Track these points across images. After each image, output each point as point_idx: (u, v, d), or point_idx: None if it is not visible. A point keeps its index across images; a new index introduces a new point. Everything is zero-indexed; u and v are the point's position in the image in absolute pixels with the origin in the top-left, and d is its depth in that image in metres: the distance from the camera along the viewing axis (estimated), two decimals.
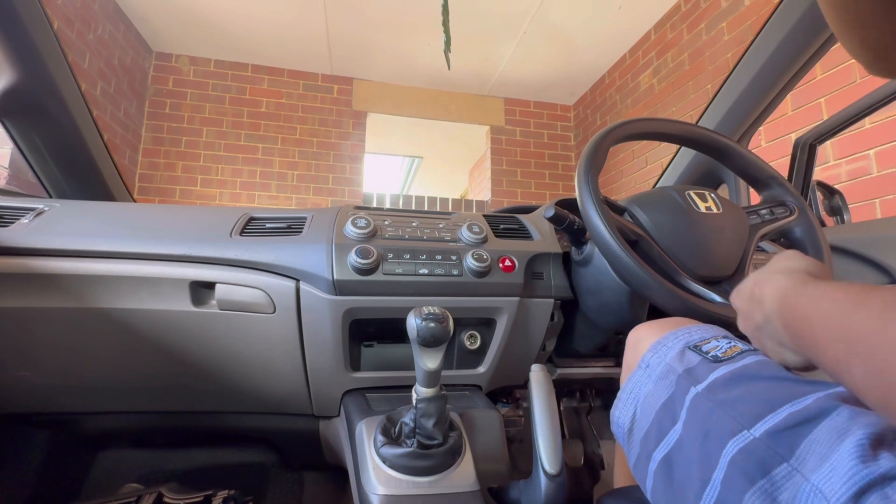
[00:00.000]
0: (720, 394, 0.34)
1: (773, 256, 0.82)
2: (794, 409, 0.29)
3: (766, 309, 0.33)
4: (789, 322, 0.30)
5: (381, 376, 0.65)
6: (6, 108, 0.79)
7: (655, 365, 0.42)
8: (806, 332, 0.28)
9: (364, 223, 0.63)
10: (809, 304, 0.28)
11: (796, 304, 0.30)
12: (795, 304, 0.30)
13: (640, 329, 0.48)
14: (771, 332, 0.34)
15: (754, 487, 0.28)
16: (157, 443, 0.89)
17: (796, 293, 0.30)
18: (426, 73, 3.45)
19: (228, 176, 3.23)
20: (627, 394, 0.43)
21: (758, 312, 0.34)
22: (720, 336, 0.41)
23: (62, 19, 2.29)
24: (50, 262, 0.58)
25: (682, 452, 0.34)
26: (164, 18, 2.91)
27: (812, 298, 0.28)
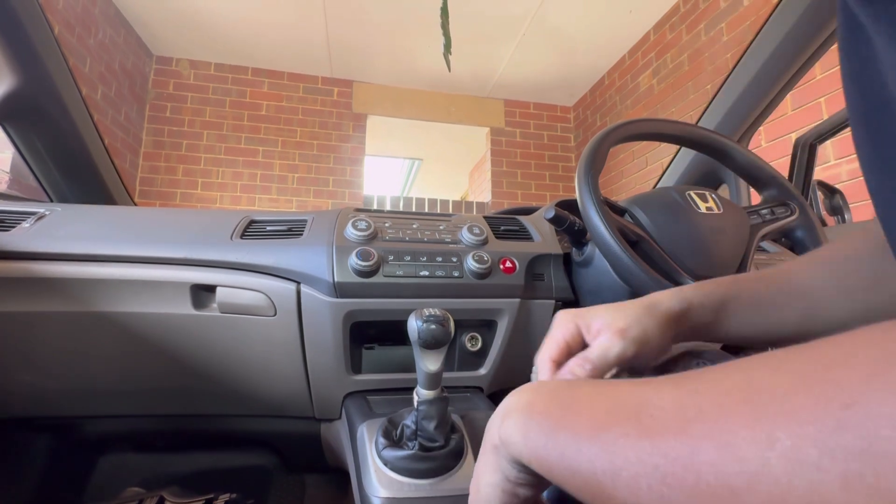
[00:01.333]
0: None
1: (774, 256, 0.82)
2: None
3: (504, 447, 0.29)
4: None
5: (382, 378, 0.65)
6: (7, 112, 0.80)
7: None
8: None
9: (364, 225, 0.63)
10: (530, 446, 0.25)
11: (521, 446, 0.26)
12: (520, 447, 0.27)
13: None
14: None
15: None
16: (158, 446, 0.89)
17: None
18: (426, 76, 3.46)
19: (229, 179, 3.24)
20: None
21: (496, 429, 0.29)
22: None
23: (63, 24, 2.30)
24: (51, 266, 0.58)
25: None
26: (164, 22, 2.92)
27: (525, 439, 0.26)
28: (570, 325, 0.38)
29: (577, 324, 0.38)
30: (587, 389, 0.26)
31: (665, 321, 0.37)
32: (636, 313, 0.37)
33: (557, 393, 0.27)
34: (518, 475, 0.28)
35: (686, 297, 0.38)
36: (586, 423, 0.23)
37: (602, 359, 0.35)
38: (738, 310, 0.39)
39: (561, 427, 0.24)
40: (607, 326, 0.36)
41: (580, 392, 0.26)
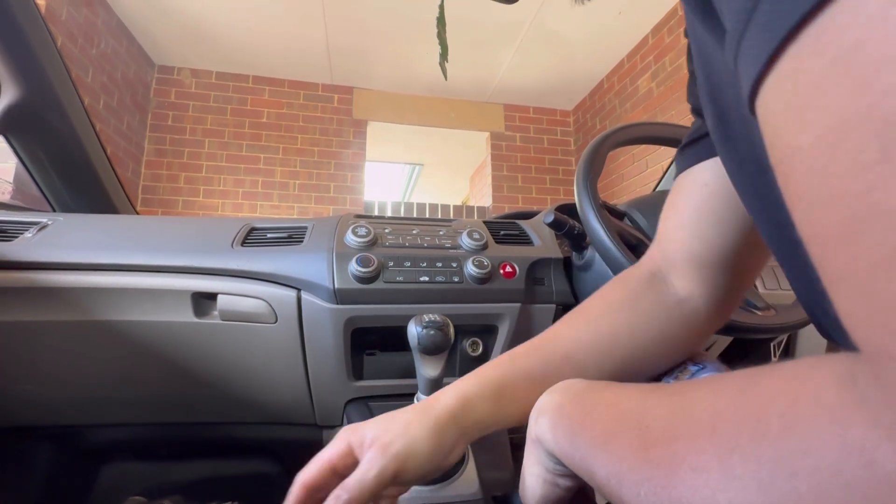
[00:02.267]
0: None
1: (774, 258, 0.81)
2: None
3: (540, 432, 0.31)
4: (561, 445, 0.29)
5: (383, 385, 0.65)
6: (10, 123, 0.80)
7: None
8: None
9: (364, 232, 0.63)
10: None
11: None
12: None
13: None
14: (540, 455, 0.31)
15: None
16: (160, 455, 0.88)
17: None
18: (426, 81, 3.48)
19: (230, 186, 3.25)
20: None
21: (532, 425, 0.32)
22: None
23: (66, 35, 2.32)
24: (53, 276, 0.58)
25: None
26: (166, 32, 2.94)
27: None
28: (343, 442, 0.34)
29: (349, 441, 0.34)
30: (606, 395, 0.27)
31: (440, 424, 0.34)
32: (404, 422, 0.34)
33: (582, 396, 0.29)
34: (556, 467, 0.30)
35: (462, 391, 0.36)
36: (600, 430, 0.25)
37: (359, 485, 0.31)
38: (515, 393, 0.37)
39: (582, 431, 0.26)
40: (375, 441, 0.33)
41: (601, 396, 0.28)
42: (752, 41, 0.14)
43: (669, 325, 0.38)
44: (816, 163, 0.13)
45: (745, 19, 0.14)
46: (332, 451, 0.34)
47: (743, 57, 0.15)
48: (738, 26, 0.15)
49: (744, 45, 0.15)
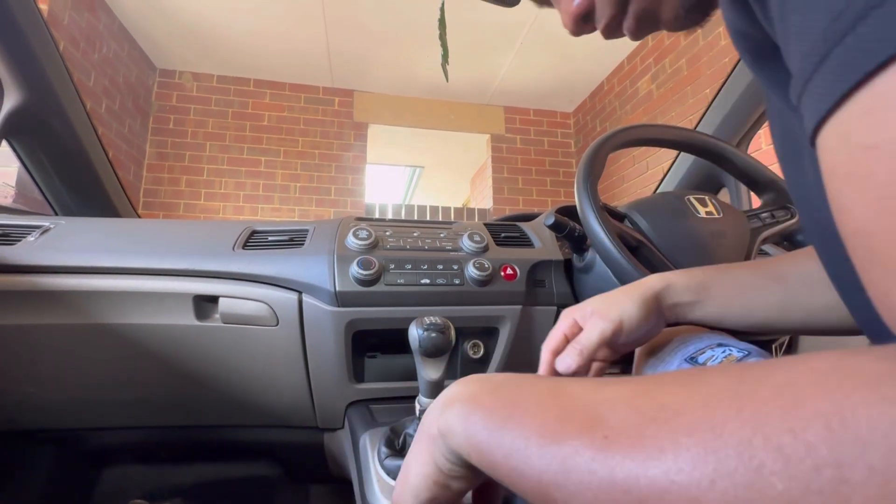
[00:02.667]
0: None
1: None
2: None
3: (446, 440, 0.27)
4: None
5: (384, 387, 0.65)
6: (13, 127, 0.81)
7: None
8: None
9: (365, 234, 0.63)
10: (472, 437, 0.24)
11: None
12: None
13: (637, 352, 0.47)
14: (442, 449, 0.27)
15: None
16: (162, 458, 0.88)
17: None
18: (426, 84, 3.48)
19: (232, 189, 3.26)
20: None
21: (434, 419, 0.28)
22: (714, 345, 0.40)
23: (68, 40, 2.33)
24: (55, 279, 0.58)
25: None
26: (167, 36, 2.96)
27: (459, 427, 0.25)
28: (569, 318, 0.43)
29: (574, 317, 0.43)
30: (535, 389, 0.24)
31: (644, 299, 0.41)
32: (617, 296, 0.42)
33: (504, 388, 0.25)
34: (452, 467, 0.26)
35: (668, 277, 0.43)
36: (536, 428, 0.22)
37: (588, 341, 0.40)
38: (719, 292, 0.42)
39: (508, 426, 0.23)
40: (595, 312, 0.41)
41: (528, 390, 0.24)
42: (821, 84, 0.16)
43: None
44: (871, 192, 0.15)
45: (816, 63, 0.16)
46: (563, 325, 0.43)
47: (808, 97, 0.17)
48: (808, 69, 0.17)
49: (811, 86, 0.17)
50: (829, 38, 0.16)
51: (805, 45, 0.17)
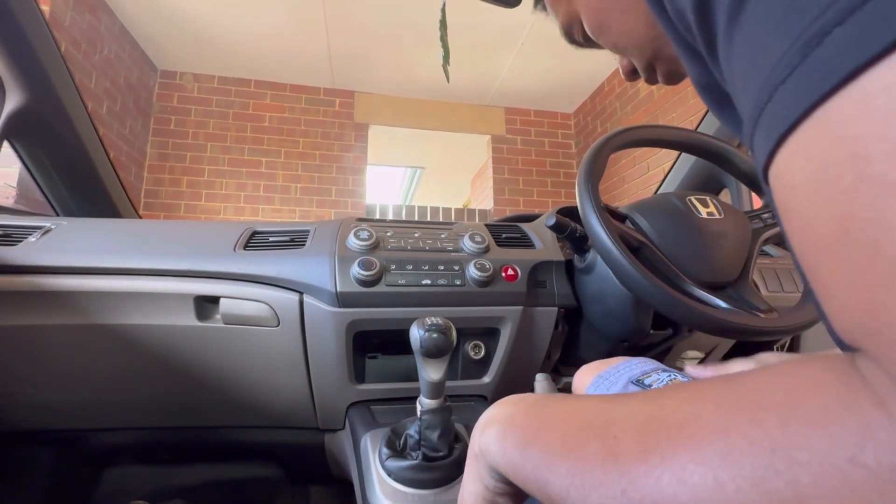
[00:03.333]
0: None
1: (777, 261, 0.81)
2: None
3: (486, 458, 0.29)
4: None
5: (385, 388, 0.65)
6: (15, 128, 0.81)
7: None
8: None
9: (366, 235, 0.63)
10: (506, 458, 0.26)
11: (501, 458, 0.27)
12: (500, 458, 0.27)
13: (582, 372, 0.46)
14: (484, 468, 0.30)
15: None
16: (163, 459, 0.88)
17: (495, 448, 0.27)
18: (426, 85, 3.49)
19: (232, 190, 3.26)
20: None
21: (476, 439, 0.30)
22: (660, 370, 0.40)
23: (69, 41, 2.34)
24: (57, 280, 0.58)
25: None
26: (168, 37, 2.96)
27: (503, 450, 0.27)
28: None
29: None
30: (563, 405, 0.26)
31: None
32: None
33: (536, 406, 0.27)
34: (496, 484, 0.28)
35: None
36: (559, 439, 0.23)
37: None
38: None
39: (535, 440, 0.24)
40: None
41: (557, 407, 0.26)
42: (765, 127, 0.18)
43: None
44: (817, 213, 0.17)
45: (758, 114, 0.18)
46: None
47: (758, 138, 0.19)
48: (755, 114, 0.19)
49: (757, 130, 0.19)
50: (764, 96, 0.18)
51: (749, 99, 0.19)
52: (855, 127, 0.15)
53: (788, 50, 0.16)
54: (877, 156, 0.14)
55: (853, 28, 0.14)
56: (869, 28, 0.14)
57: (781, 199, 0.19)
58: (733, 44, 0.20)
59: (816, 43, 0.15)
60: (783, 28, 0.17)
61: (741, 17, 0.19)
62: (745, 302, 0.55)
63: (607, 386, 0.41)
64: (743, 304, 0.54)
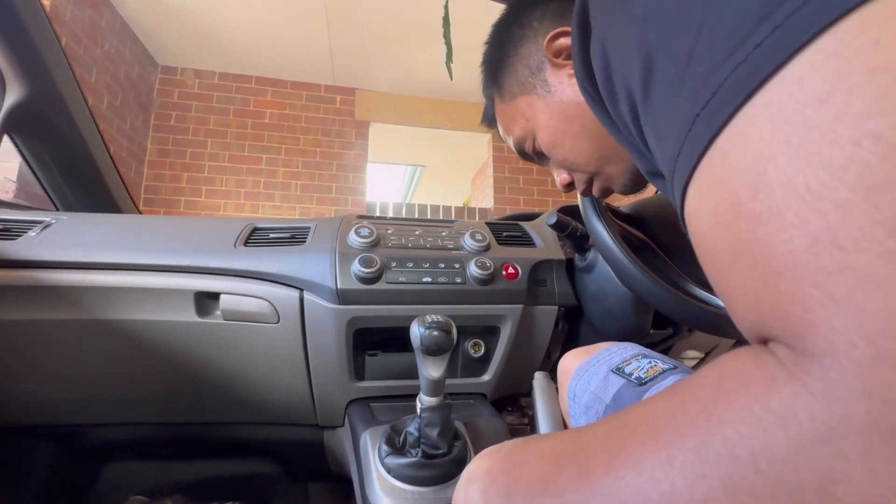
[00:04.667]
0: None
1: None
2: None
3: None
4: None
5: (385, 385, 0.65)
6: (15, 122, 0.80)
7: (581, 394, 0.41)
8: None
9: (367, 232, 0.63)
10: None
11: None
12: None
13: (566, 358, 0.47)
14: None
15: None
16: (161, 454, 0.89)
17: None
18: (428, 83, 3.48)
19: (233, 186, 3.26)
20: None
21: (462, 497, 0.31)
22: (640, 356, 0.40)
23: (70, 36, 2.33)
24: (57, 275, 0.58)
25: None
26: (169, 33, 2.95)
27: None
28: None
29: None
30: (540, 444, 0.28)
31: None
32: None
33: (512, 453, 0.29)
34: None
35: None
36: (538, 477, 0.25)
37: None
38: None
39: (518, 484, 0.26)
40: None
41: (533, 447, 0.28)
42: (676, 186, 0.24)
43: None
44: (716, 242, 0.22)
45: (671, 178, 0.24)
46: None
47: (674, 188, 0.24)
48: (669, 181, 0.25)
49: (674, 188, 0.24)
50: (673, 155, 0.23)
51: (665, 161, 0.24)
52: (725, 183, 0.20)
53: (679, 132, 0.22)
54: (744, 199, 0.19)
55: (708, 113, 0.20)
56: (718, 111, 0.20)
57: (693, 234, 0.23)
58: (648, 122, 0.26)
59: (689, 128, 0.21)
60: (675, 111, 0.22)
61: (648, 105, 0.25)
62: None
63: (588, 378, 0.41)
64: None
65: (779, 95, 0.18)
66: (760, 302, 0.18)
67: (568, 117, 0.45)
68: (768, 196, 0.18)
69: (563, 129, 0.45)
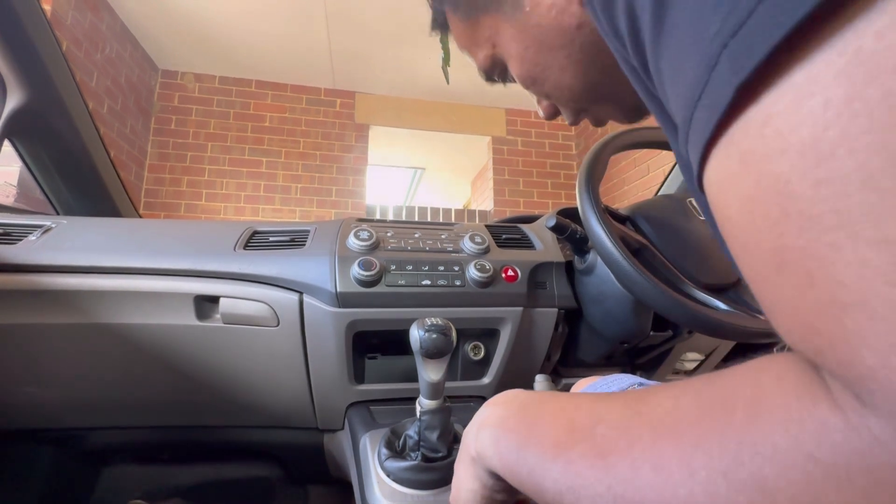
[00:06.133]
0: None
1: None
2: None
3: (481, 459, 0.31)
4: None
5: (385, 388, 0.65)
6: (16, 127, 0.81)
7: None
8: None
9: (367, 235, 0.63)
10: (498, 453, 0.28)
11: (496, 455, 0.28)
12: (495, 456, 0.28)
13: (582, 384, 0.46)
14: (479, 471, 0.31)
15: None
16: (161, 458, 0.88)
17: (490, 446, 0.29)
18: (427, 86, 3.49)
19: (233, 190, 3.26)
20: None
21: (472, 442, 0.31)
22: (636, 384, 0.40)
23: (71, 40, 2.34)
24: (57, 279, 0.58)
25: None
26: (169, 37, 2.96)
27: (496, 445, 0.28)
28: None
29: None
30: (553, 405, 0.27)
31: None
32: None
33: (526, 408, 0.29)
34: (495, 483, 0.30)
35: None
36: (550, 442, 0.24)
37: None
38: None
39: (529, 444, 0.26)
40: None
41: (547, 408, 0.27)
42: (693, 142, 0.19)
43: None
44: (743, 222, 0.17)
45: (686, 130, 0.19)
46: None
47: (690, 152, 0.19)
48: (683, 132, 0.19)
49: (689, 144, 0.19)
50: (690, 104, 0.18)
51: (679, 108, 0.19)
52: (771, 157, 0.14)
53: (702, 61, 0.16)
54: (800, 190, 0.14)
55: (753, 31, 0.14)
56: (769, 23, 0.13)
57: (718, 216, 0.19)
58: (659, 53, 0.19)
59: (717, 56, 0.15)
60: (699, 31, 0.16)
61: (664, 25, 0.18)
62: (745, 304, 0.55)
63: (603, 391, 0.41)
64: (743, 305, 0.54)
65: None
66: (813, 331, 0.15)
67: (550, 48, 0.35)
68: (841, 193, 0.12)
69: (542, 63, 0.36)
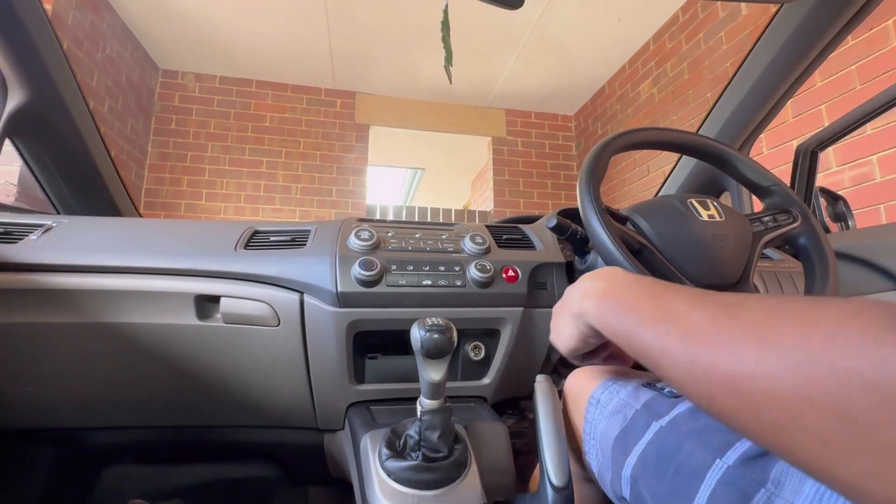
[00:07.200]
0: (685, 426, 0.35)
1: (778, 263, 0.81)
2: None
3: (584, 304, 0.40)
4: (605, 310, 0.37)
5: (385, 388, 0.65)
6: (17, 126, 0.81)
7: (607, 401, 0.44)
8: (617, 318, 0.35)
9: (367, 235, 0.63)
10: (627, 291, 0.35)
11: (615, 294, 0.37)
12: (614, 294, 0.37)
13: (579, 374, 0.50)
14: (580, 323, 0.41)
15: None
16: (161, 458, 0.88)
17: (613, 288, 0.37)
18: (428, 86, 3.49)
19: (233, 190, 3.26)
20: (587, 434, 0.45)
21: (576, 304, 0.41)
22: (642, 384, 0.43)
23: (72, 40, 2.34)
24: (57, 278, 0.58)
25: (650, 488, 0.34)
26: (170, 37, 2.97)
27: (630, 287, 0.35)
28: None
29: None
30: (649, 290, 0.34)
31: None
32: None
33: (623, 286, 0.36)
34: (591, 332, 0.41)
35: None
36: (647, 316, 0.31)
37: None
38: None
39: (627, 313, 0.34)
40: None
41: (645, 289, 0.34)
42: None
43: None
44: None
45: None
46: None
47: None
48: None
49: None
50: None
51: None
52: None
53: None
54: None
55: None
56: None
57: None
58: None
59: None
60: None
61: None
62: None
63: (617, 388, 0.44)
64: None
65: None
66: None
67: None
68: None
69: None
